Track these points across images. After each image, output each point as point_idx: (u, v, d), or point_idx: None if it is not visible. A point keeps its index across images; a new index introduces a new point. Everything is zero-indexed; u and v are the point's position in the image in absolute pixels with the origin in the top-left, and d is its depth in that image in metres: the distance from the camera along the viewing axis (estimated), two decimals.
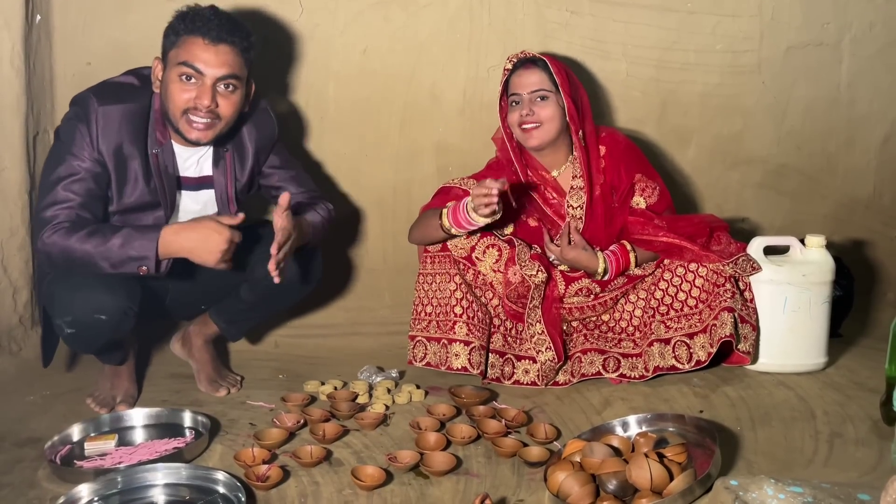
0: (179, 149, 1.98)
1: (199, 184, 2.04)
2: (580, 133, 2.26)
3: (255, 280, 2.06)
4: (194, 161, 2.01)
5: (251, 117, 2.06)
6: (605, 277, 2.22)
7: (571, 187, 2.30)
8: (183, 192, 2.02)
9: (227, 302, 2.18)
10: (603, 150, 2.31)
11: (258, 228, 2.08)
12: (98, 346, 1.97)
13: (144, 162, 1.92)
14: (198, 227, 1.81)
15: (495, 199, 2.00)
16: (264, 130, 2.10)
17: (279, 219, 1.85)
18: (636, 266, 2.24)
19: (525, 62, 2.26)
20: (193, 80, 1.85)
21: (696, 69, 2.75)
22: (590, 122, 2.29)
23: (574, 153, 2.29)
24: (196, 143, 1.94)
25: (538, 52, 2.29)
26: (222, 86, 1.87)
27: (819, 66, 2.83)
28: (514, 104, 2.27)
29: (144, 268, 1.78)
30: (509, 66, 2.28)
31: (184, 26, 1.86)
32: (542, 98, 2.23)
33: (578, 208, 2.29)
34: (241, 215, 1.87)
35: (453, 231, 2.16)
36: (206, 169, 2.04)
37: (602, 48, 2.67)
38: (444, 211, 2.16)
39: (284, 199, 1.85)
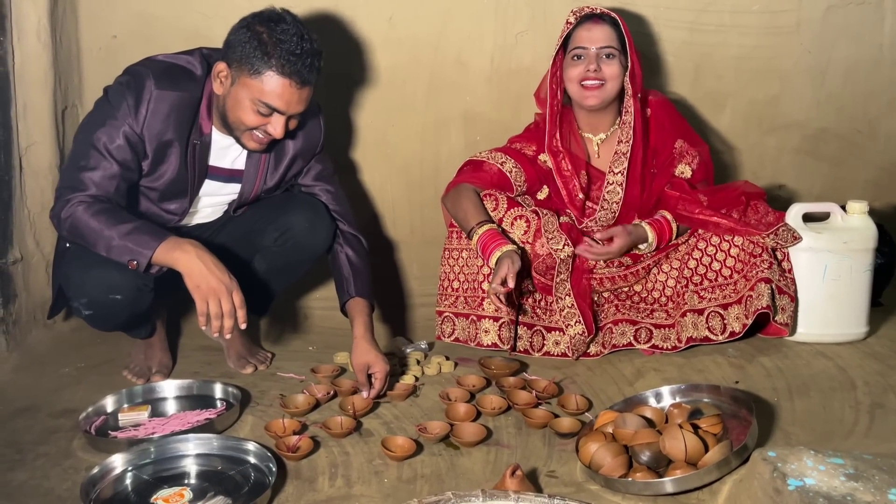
0: (219, 138, 1.95)
1: (230, 176, 2.02)
2: (638, 96, 2.19)
3: (265, 247, 2.06)
4: (232, 153, 1.99)
5: (300, 123, 1.99)
6: (652, 249, 2.18)
7: (616, 153, 2.22)
8: (208, 181, 1.99)
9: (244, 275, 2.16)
10: (648, 112, 2.25)
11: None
12: (118, 325, 1.98)
13: (183, 150, 1.91)
14: (208, 265, 1.76)
15: (504, 305, 2.09)
16: (310, 138, 2.07)
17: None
18: (675, 237, 2.20)
19: (592, 17, 2.18)
20: (270, 114, 1.84)
21: (731, 31, 2.66)
22: (642, 86, 2.23)
23: (623, 117, 2.22)
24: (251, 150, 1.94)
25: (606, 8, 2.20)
26: (294, 118, 1.88)
27: (861, 26, 2.72)
28: (576, 58, 2.18)
29: (135, 262, 1.75)
30: (572, 20, 2.19)
31: (274, 61, 1.77)
32: (609, 56, 2.16)
33: (619, 174, 2.22)
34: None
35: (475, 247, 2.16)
36: (240, 163, 2.01)
37: (634, 10, 2.59)
38: (480, 231, 2.12)
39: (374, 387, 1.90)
